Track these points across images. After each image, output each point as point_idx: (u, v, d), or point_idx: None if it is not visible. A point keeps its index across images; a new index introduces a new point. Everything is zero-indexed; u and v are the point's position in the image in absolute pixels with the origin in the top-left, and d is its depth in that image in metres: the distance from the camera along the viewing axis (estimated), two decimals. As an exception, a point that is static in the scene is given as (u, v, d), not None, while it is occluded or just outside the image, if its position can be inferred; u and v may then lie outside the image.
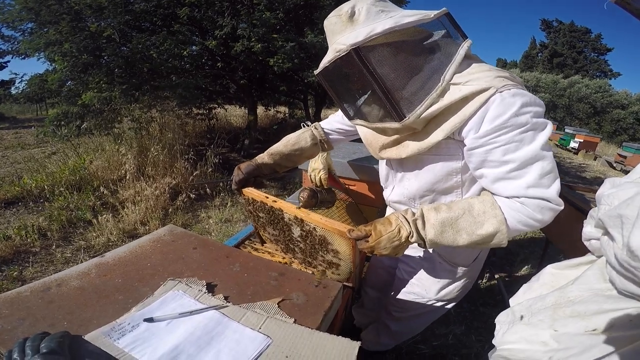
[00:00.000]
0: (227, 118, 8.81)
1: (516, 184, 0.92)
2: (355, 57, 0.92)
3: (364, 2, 0.98)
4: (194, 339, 0.77)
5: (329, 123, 1.52)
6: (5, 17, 4.42)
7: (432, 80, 0.94)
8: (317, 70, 1.06)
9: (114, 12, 4.35)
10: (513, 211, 0.94)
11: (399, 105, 0.95)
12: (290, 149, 1.48)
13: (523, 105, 0.88)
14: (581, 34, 28.24)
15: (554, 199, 0.92)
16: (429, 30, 1.00)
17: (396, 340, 1.70)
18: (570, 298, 0.73)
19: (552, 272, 0.88)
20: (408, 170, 1.18)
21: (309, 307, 0.94)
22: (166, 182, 4.20)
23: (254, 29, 4.56)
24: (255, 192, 1.32)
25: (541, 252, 2.80)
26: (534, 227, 0.96)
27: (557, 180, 0.93)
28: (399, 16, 0.95)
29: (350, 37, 0.94)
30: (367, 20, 0.95)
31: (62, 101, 5.15)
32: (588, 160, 10.57)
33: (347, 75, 1.05)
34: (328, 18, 1.02)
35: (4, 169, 5.31)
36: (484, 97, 0.90)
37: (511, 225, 0.95)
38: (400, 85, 0.96)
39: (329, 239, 1.14)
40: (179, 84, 4.82)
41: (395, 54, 0.95)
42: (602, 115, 19.70)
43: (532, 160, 0.90)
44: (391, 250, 0.99)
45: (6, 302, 0.82)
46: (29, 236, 3.07)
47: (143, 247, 1.15)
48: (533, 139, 0.90)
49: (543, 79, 20.28)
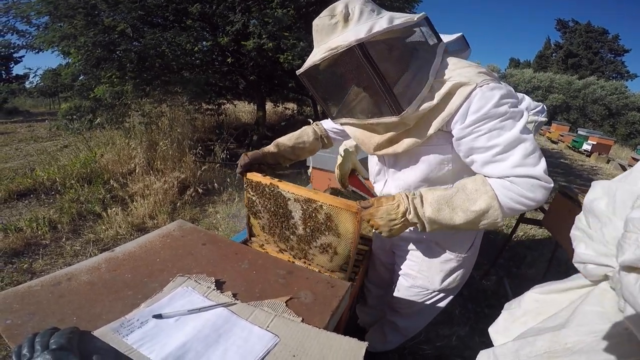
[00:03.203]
0: (236, 114, 8.85)
1: (503, 165, 1.00)
2: (359, 52, 0.94)
3: (355, 2, 1.02)
4: (202, 336, 0.77)
5: (328, 123, 1.62)
6: (21, 10, 4.47)
7: (422, 76, 1.01)
8: (302, 69, 1.08)
9: (129, 6, 4.38)
10: (504, 189, 1.00)
11: (397, 99, 0.99)
12: (294, 142, 1.58)
13: (501, 98, 0.98)
14: (598, 35, 27.71)
15: (541, 176, 0.97)
16: (414, 31, 1.06)
17: (405, 335, 1.71)
18: (568, 345, 0.60)
19: (536, 297, 0.79)
20: (402, 164, 1.23)
21: (317, 306, 0.93)
22: (175, 176, 4.23)
23: (265, 27, 4.56)
24: (260, 176, 1.38)
25: (549, 254, 2.76)
26: (529, 205, 1.01)
27: (542, 159, 0.99)
28: (389, 17, 1.00)
29: (349, 35, 0.97)
30: (361, 19, 1.00)
31: (74, 95, 5.22)
32: (601, 163, 10.36)
33: (336, 74, 1.08)
34: (320, 17, 1.04)
35: (17, 162, 5.40)
36: (467, 91, 0.98)
37: (503, 202, 1.01)
38: (398, 80, 1.02)
39: (334, 217, 1.20)
40: (190, 80, 4.84)
41: (391, 51, 1.02)
42: (617, 118, 19.33)
43: (515, 143, 0.98)
44: (387, 221, 1.08)
45: (17, 296, 0.83)
46: (39, 228, 3.12)
47: (152, 242, 1.15)
48: (513, 126, 0.98)
49: (557, 79, 19.94)
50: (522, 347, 0.67)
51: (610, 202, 0.66)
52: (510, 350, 0.69)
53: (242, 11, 4.77)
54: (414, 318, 1.58)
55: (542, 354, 0.63)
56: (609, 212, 0.65)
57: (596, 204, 0.68)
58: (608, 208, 0.65)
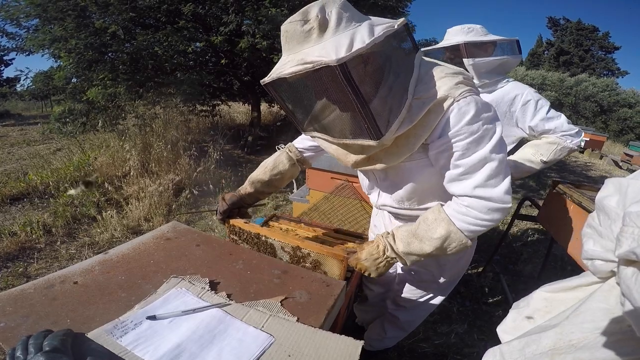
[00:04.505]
0: (231, 115, 8.81)
1: (465, 184, 1.02)
2: (339, 73, 0.81)
3: (332, 6, 0.90)
4: (196, 337, 0.76)
5: (301, 142, 1.50)
6: (10, 13, 4.43)
7: (401, 95, 0.95)
8: (269, 78, 0.95)
9: (119, 8, 4.35)
10: (460, 214, 1.04)
11: (376, 123, 0.91)
12: (270, 175, 1.49)
13: (476, 114, 0.96)
14: (588, 32, 27.93)
15: (499, 199, 0.99)
16: (393, 41, 0.95)
17: (405, 330, 1.73)
18: (572, 341, 0.60)
19: (545, 296, 0.78)
20: (390, 177, 1.22)
21: (312, 306, 0.93)
22: (170, 178, 4.22)
23: (259, 26, 4.55)
24: (242, 222, 1.40)
25: (545, 251, 2.78)
26: (487, 225, 1.04)
27: (505, 180, 1.00)
28: (368, 26, 0.90)
29: (327, 48, 0.84)
30: (339, 28, 0.88)
31: (67, 98, 5.17)
32: (594, 159, 10.46)
33: (308, 88, 0.96)
34: (290, 22, 0.90)
35: (9, 166, 5.35)
36: (444, 107, 0.96)
37: (461, 227, 1.04)
38: (377, 101, 0.93)
39: (321, 263, 1.26)
40: (183, 81, 4.82)
41: (367, 65, 0.91)
42: (609, 114, 19.48)
43: (481, 163, 0.98)
44: (372, 262, 1.14)
45: (10, 299, 0.82)
46: (34, 232, 3.09)
47: (146, 244, 1.15)
48: (483, 145, 0.97)
49: (549, 77, 20.05)
50: (528, 345, 0.67)
51: (621, 199, 0.65)
52: (516, 348, 0.70)
53: (235, 12, 4.75)
54: (416, 311, 1.61)
55: (547, 351, 0.63)
56: (619, 209, 0.64)
57: (607, 201, 0.67)
58: (618, 205, 0.64)
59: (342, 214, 2.23)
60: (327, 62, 0.80)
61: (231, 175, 4.85)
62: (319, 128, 1.08)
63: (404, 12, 6.45)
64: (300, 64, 0.86)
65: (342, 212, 2.24)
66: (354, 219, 2.18)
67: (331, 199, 2.34)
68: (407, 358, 2.03)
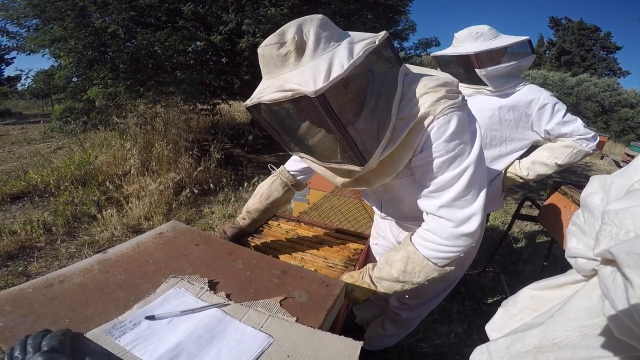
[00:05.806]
0: (231, 114, 8.81)
1: (431, 202, 1.01)
2: (318, 103, 0.78)
3: (309, 26, 0.86)
4: (195, 338, 0.76)
5: (293, 164, 1.49)
6: (10, 13, 4.43)
7: (384, 118, 0.92)
8: (250, 102, 0.92)
9: (119, 7, 4.35)
10: (422, 240, 1.05)
11: (359, 150, 0.89)
12: (265, 205, 1.50)
13: (454, 132, 0.93)
14: (590, 32, 27.87)
15: (460, 222, 0.98)
16: (375, 57, 0.91)
17: (406, 328, 1.73)
18: (556, 340, 0.59)
19: (532, 294, 0.78)
20: (390, 190, 1.23)
21: (311, 306, 0.93)
22: (170, 177, 4.22)
23: (259, 25, 4.55)
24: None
25: (545, 251, 2.78)
26: (450, 252, 1.01)
27: (473, 204, 0.98)
28: (347, 46, 0.85)
29: (304, 75, 0.81)
30: (317, 50, 0.84)
31: (67, 97, 5.18)
32: (595, 159, 10.44)
33: (290, 113, 0.94)
34: (266, 45, 0.87)
35: (10, 164, 5.36)
36: (424, 125, 0.94)
37: (424, 253, 1.04)
38: (358, 127, 0.91)
39: None
40: (184, 80, 4.82)
41: (351, 90, 0.88)
42: (610, 114, 19.45)
43: (451, 182, 0.97)
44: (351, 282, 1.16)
45: (9, 299, 0.82)
46: (34, 231, 3.10)
47: (145, 243, 1.14)
48: (456, 164, 0.96)
49: (550, 76, 20.02)
50: (513, 343, 0.67)
51: (605, 196, 0.64)
52: (502, 346, 0.69)
53: (235, 11, 4.75)
54: (419, 309, 1.61)
55: (531, 349, 0.62)
56: (602, 207, 0.62)
57: (591, 198, 0.66)
58: (602, 202, 0.63)
59: (342, 214, 2.23)
60: (304, 92, 0.77)
61: (232, 174, 4.86)
62: (304, 150, 1.05)
63: (405, 10, 6.45)
64: (280, 91, 0.83)
65: (343, 212, 2.24)
66: (354, 219, 2.19)
67: (331, 199, 2.34)
68: (407, 357, 2.03)
